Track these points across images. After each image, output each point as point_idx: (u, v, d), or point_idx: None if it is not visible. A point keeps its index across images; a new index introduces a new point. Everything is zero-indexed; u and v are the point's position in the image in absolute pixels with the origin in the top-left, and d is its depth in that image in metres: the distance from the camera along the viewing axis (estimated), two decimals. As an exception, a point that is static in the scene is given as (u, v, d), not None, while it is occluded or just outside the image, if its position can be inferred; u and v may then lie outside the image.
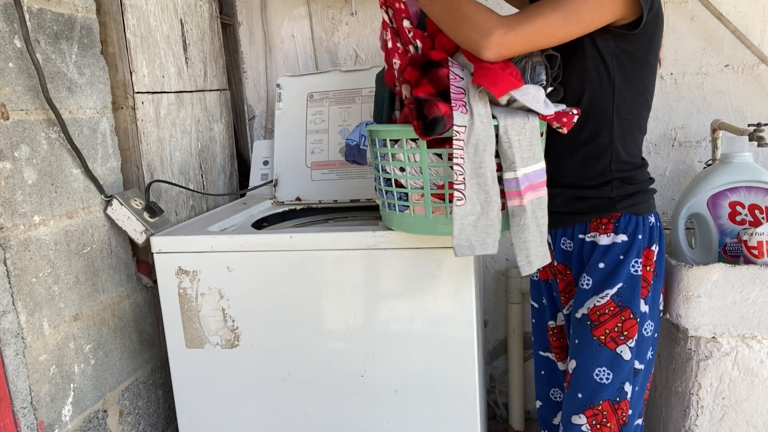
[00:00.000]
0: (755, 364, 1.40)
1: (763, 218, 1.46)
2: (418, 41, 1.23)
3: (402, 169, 1.19)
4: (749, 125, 1.61)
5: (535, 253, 1.16)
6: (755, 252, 1.38)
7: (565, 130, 1.17)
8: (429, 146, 1.14)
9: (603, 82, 1.21)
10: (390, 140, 1.18)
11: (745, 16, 1.85)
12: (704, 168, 1.81)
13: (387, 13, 1.24)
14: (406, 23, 1.22)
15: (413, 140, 1.15)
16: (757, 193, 1.47)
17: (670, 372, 1.53)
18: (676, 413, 1.51)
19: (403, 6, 1.22)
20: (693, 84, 1.92)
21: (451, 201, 1.15)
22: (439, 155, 1.14)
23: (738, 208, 1.48)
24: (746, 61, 1.87)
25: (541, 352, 1.51)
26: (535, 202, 1.16)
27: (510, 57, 1.14)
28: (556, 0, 1.11)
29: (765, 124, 1.57)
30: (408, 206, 1.20)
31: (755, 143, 1.56)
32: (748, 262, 1.39)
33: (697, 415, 1.45)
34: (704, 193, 1.50)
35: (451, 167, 1.12)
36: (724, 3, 1.84)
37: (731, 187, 1.48)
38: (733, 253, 1.48)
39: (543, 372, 1.51)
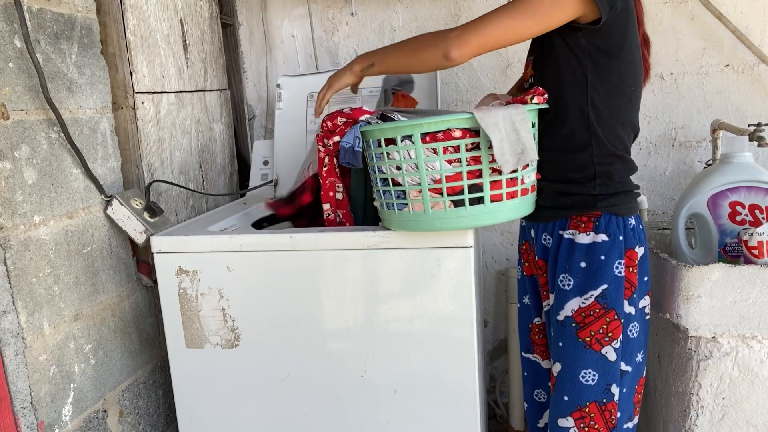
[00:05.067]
0: (755, 364, 1.40)
1: (763, 218, 1.46)
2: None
3: (398, 168, 1.19)
4: (749, 125, 1.61)
5: (510, 151, 1.14)
6: (755, 252, 1.38)
7: (542, 99, 1.20)
8: (423, 141, 1.15)
9: (576, 78, 1.23)
10: (384, 139, 1.18)
11: (745, 16, 1.85)
12: (704, 168, 1.81)
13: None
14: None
15: (408, 137, 1.15)
16: (757, 193, 1.47)
17: (670, 372, 1.53)
18: (676, 413, 1.51)
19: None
20: (693, 84, 1.92)
21: (449, 195, 1.16)
22: (434, 150, 1.14)
23: (738, 208, 1.48)
24: (746, 61, 1.87)
25: (523, 354, 1.51)
26: (514, 114, 1.16)
27: (473, 55, 1.19)
28: (512, 1, 1.18)
29: (765, 124, 1.57)
30: (406, 204, 1.21)
31: (755, 143, 1.56)
32: (748, 262, 1.39)
33: (698, 415, 1.45)
34: (704, 193, 1.50)
35: (448, 162, 1.13)
36: (724, 3, 1.84)
37: (731, 187, 1.48)
38: (733, 253, 1.48)
39: (526, 373, 1.51)
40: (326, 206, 1.43)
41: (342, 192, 1.43)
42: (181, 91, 1.74)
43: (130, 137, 1.51)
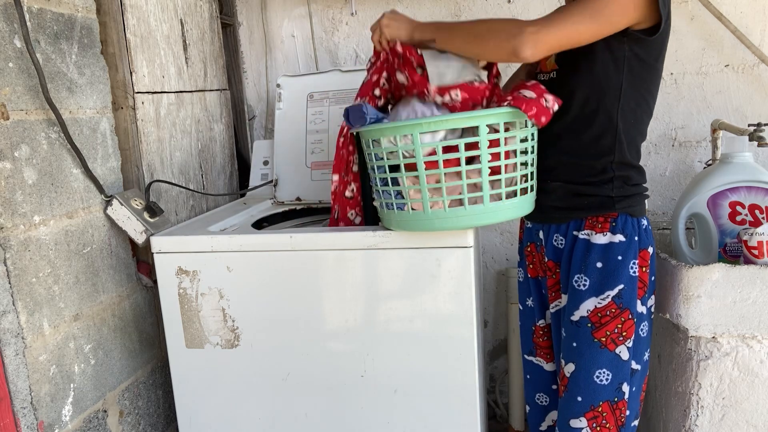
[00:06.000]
0: (755, 364, 1.40)
1: (763, 218, 1.46)
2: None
3: (397, 168, 1.19)
4: (749, 125, 1.61)
5: (445, 65, 1.16)
6: (755, 252, 1.38)
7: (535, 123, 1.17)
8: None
9: (611, 84, 1.22)
10: (384, 138, 1.19)
11: (745, 16, 1.85)
12: (704, 168, 1.81)
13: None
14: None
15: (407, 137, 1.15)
16: (757, 193, 1.47)
17: (670, 372, 1.53)
18: (676, 413, 1.51)
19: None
20: (693, 84, 1.92)
21: (448, 194, 1.16)
22: (434, 150, 1.14)
23: (738, 208, 1.48)
24: (746, 61, 1.87)
25: (525, 356, 1.51)
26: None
27: (545, 55, 1.16)
28: (584, 1, 1.14)
29: (765, 124, 1.57)
30: (405, 203, 1.21)
31: (755, 143, 1.56)
32: (748, 262, 1.39)
33: (697, 415, 1.45)
34: (704, 193, 1.50)
35: (446, 161, 1.14)
36: (724, 3, 1.84)
37: (731, 187, 1.48)
38: (733, 253, 1.48)
39: (528, 376, 1.51)
40: (335, 177, 1.40)
41: (358, 164, 1.40)
42: (181, 91, 1.74)
43: (130, 137, 1.51)
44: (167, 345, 1.45)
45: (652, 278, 1.32)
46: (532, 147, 1.22)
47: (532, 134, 1.21)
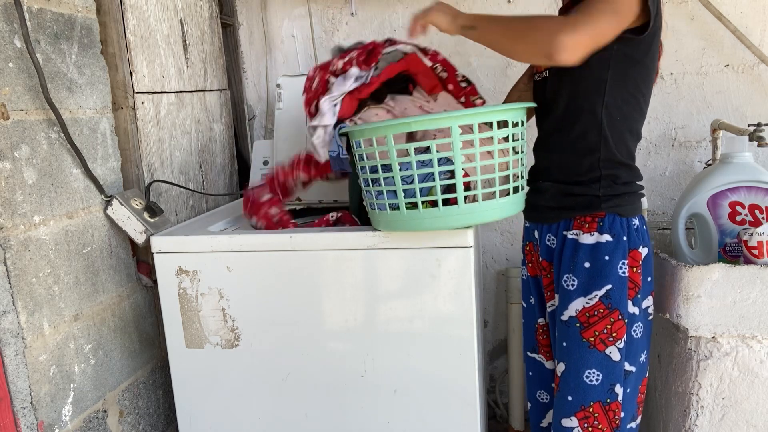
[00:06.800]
0: (755, 364, 1.40)
1: (763, 218, 1.46)
2: None
3: (375, 169, 1.19)
4: (749, 125, 1.61)
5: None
6: (755, 252, 1.38)
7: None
8: (396, 143, 1.15)
9: (595, 80, 1.22)
10: (363, 139, 1.19)
11: (745, 16, 1.85)
12: (704, 168, 1.81)
13: None
14: None
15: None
16: (757, 193, 1.47)
17: (670, 372, 1.53)
18: (676, 413, 1.51)
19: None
20: (693, 84, 1.92)
21: (430, 193, 1.16)
22: (406, 150, 1.14)
23: (738, 208, 1.48)
24: (746, 61, 1.87)
25: (528, 353, 1.51)
26: None
27: (584, 56, 1.10)
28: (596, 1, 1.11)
29: (765, 124, 1.57)
30: (384, 204, 1.21)
31: (755, 143, 1.56)
32: (748, 262, 1.39)
33: (697, 415, 1.45)
34: (704, 193, 1.50)
35: (422, 163, 1.15)
36: (724, 3, 1.84)
37: (731, 187, 1.48)
38: (733, 253, 1.48)
39: (530, 373, 1.51)
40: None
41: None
42: (181, 91, 1.74)
43: (130, 137, 1.51)
44: (167, 345, 1.45)
45: (648, 279, 1.31)
46: (518, 148, 1.20)
47: (515, 135, 1.18)
